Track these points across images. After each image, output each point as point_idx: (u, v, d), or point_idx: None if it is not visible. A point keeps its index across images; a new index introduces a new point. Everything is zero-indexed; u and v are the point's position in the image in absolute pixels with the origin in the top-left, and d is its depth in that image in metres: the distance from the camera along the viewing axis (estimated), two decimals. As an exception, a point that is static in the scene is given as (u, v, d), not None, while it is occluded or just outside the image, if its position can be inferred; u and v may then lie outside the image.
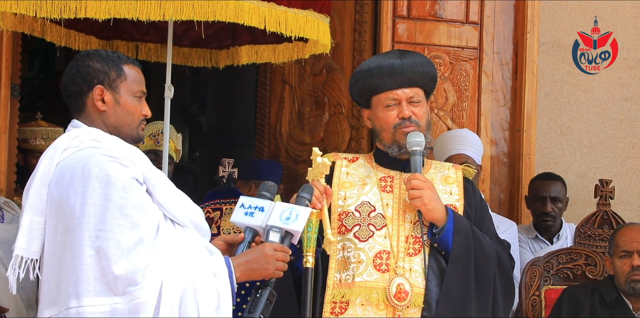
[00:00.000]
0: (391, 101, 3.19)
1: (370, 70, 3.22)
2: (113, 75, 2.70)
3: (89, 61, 2.71)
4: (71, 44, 4.55)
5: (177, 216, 2.65)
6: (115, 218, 2.48)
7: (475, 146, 4.62)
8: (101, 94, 2.68)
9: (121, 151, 2.60)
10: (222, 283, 2.54)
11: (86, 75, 2.69)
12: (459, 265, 3.08)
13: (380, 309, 3.04)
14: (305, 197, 2.77)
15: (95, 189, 2.50)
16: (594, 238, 4.49)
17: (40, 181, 2.61)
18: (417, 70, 3.19)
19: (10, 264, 2.60)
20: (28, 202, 2.61)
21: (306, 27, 4.01)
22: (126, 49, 4.76)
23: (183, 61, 4.90)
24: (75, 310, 2.46)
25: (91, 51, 2.77)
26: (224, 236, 2.80)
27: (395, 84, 3.18)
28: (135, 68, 2.76)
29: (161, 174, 2.68)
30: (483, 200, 3.40)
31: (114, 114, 2.70)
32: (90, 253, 2.46)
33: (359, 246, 3.11)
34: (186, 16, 3.75)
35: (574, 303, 4.07)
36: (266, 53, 4.74)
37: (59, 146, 2.64)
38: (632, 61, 5.47)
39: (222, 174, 4.73)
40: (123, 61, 2.74)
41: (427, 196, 3.08)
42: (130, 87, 2.72)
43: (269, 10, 3.88)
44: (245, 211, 2.69)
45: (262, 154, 6.06)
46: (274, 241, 2.63)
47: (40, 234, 2.59)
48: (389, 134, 3.20)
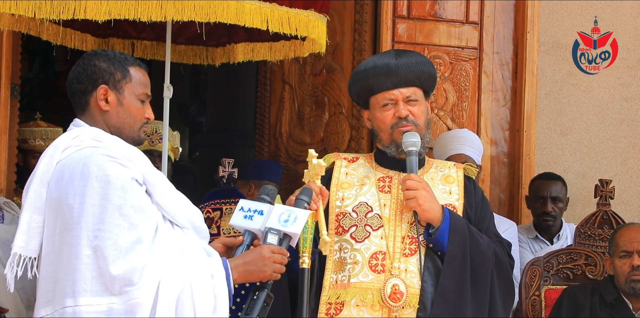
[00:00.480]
0: (388, 101, 3.19)
1: (366, 70, 3.23)
2: (118, 76, 2.70)
3: (95, 60, 2.71)
4: (67, 42, 4.54)
5: (176, 218, 2.65)
6: (113, 218, 2.48)
7: (475, 146, 4.62)
8: (105, 94, 2.69)
9: (121, 151, 2.61)
10: (219, 284, 2.55)
11: (92, 74, 2.69)
12: (454, 265, 3.08)
13: (375, 310, 3.04)
14: (304, 200, 2.78)
15: (94, 189, 2.50)
16: (594, 238, 4.49)
17: (40, 180, 2.61)
18: (413, 69, 3.19)
19: (8, 262, 2.61)
20: (27, 201, 2.62)
21: (308, 27, 4.02)
22: (122, 47, 4.76)
23: (179, 59, 4.90)
24: (71, 309, 2.47)
25: (99, 50, 2.78)
26: (223, 239, 2.80)
27: (391, 85, 3.18)
28: (141, 71, 2.76)
29: (161, 176, 2.68)
30: (485, 198, 3.39)
31: (116, 114, 2.71)
32: (88, 252, 2.47)
33: (355, 247, 3.11)
34: (187, 17, 3.75)
35: (574, 303, 4.07)
36: (262, 51, 4.74)
37: (59, 145, 2.65)
38: (632, 61, 5.47)
39: (222, 174, 4.73)
40: (130, 62, 2.74)
41: (422, 196, 3.08)
42: (135, 89, 2.72)
43: (271, 10, 3.88)
44: (244, 214, 2.69)
45: (262, 154, 6.06)
46: (272, 243, 2.63)
47: (39, 232, 2.59)
48: (386, 134, 3.20)
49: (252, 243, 2.70)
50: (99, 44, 4.66)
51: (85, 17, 3.66)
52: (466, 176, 3.32)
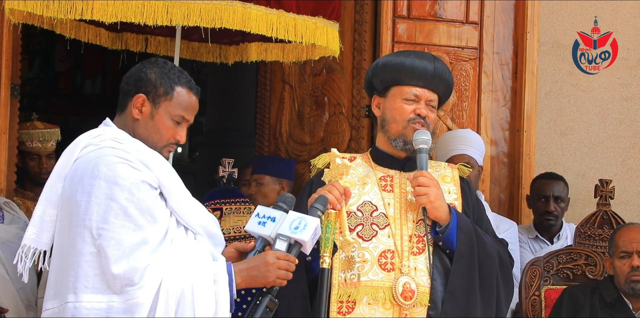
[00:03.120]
0: (413, 96, 3.21)
1: (404, 65, 3.23)
2: (161, 91, 2.70)
3: (149, 68, 2.73)
4: (80, 36, 4.55)
5: (190, 223, 2.66)
6: (118, 218, 2.51)
7: (477, 147, 4.62)
8: (142, 103, 2.70)
9: (138, 154, 2.62)
10: (222, 289, 2.55)
11: (138, 80, 2.71)
12: (463, 264, 3.09)
13: (386, 308, 3.04)
14: (317, 208, 2.79)
15: (101, 189, 2.53)
16: (594, 238, 4.48)
17: (57, 175, 2.66)
18: (445, 77, 3.24)
19: (18, 253, 2.65)
20: (43, 194, 2.67)
21: (316, 34, 4.03)
22: (135, 42, 4.76)
23: (192, 56, 4.89)
24: (72, 304, 2.50)
25: (160, 61, 2.76)
26: (236, 244, 2.81)
27: (423, 83, 3.21)
28: (189, 93, 2.73)
29: (178, 182, 2.69)
30: (479, 199, 3.42)
31: (145, 126, 2.71)
32: (92, 250, 2.50)
33: (362, 245, 3.12)
34: (193, 22, 3.77)
35: (574, 303, 4.07)
36: (275, 51, 4.75)
37: (80, 142, 2.68)
38: (632, 61, 5.47)
39: (222, 174, 4.73)
40: (181, 82, 2.73)
41: (433, 193, 3.09)
42: (172, 109, 2.71)
43: (278, 17, 3.91)
44: (258, 220, 2.71)
45: (262, 154, 6.06)
46: (280, 249, 2.63)
47: (52, 226, 2.64)
48: (399, 127, 3.20)
49: (264, 250, 2.70)
50: (112, 39, 4.67)
51: (92, 17, 3.69)
52: (460, 177, 3.34)
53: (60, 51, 9.51)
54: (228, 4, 3.83)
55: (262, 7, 3.88)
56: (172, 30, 4.61)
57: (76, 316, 2.48)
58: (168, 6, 3.71)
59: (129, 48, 4.76)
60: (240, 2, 3.87)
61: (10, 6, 3.86)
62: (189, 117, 2.75)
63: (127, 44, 4.75)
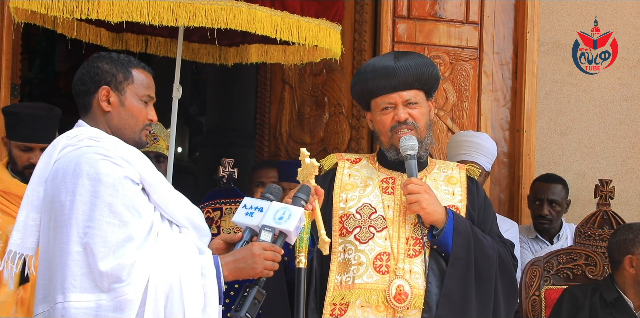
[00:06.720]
0: (387, 105, 3.20)
1: (365, 73, 3.23)
2: (120, 77, 2.73)
3: (98, 62, 2.75)
4: (82, 36, 4.56)
5: (174, 217, 2.66)
6: (103, 216, 2.50)
7: (487, 154, 4.56)
8: (107, 95, 2.72)
9: (117, 150, 2.63)
10: (210, 282, 2.55)
11: (94, 76, 2.73)
12: (458, 267, 3.08)
13: (380, 311, 3.04)
14: (301, 197, 2.78)
15: (84, 187, 2.53)
16: (594, 238, 4.49)
17: (38, 178, 2.65)
18: (412, 72, 3.19)
19: (4, 259, 2.65)
20: (25, 199, 2.66)
21: (319, 36, 4.04)
22: (136, 42, 4.77)
23: (192, 57, 4.90)
24: (61, 305, 2.48)
25: (103, 53, 2.81)
26: (224, 236, 2.80)
27: (390, 88, 3.19)
28: (144, 73, 2.79)
29: (159, 175, 2.69)
30: (487, 199, 3.40)
31: (118, 115, 2.73)
32: (78, 249, 2.49)
33: (359, 248, 3.11)
34: (198, 22, 3.79)
35: (574, 303, 4.07)
36: (276, 53, 4.75)
37: (58, 144, 2.68)
38: (632, 61, 5.47)
39: (222, 174, 4.73)
40: (133, 64, 2.77)
41: (424, 200, 3.08)
42: (137, 90, 2.75)
43: (282, 19, 3.92)
44: (246, 211, 2.70)
45: (262, 154, 6.06)
46: (265, 240, 2.63)
47: (36, 231, 2.64)
48: (386, 138, 3.21)
49: (251, 240, 2.70)
50: (113, 39, 4.68)
51: (97, 17, 3.71)
52: (468, 177, 3.32)
53: (60, 50, 9.53)
54: (234, 4, 3.85)
55: (267, 8, 3.90)
56: (172, 31, 4.62)
57: (65, 316, 2.47)
58: (173, 6, 3.73)
59: (129, 48, 4.77)
60: (245, 3, 3.88)
61: (15, 5, 3.88)
62: (153, 95, 2.79)
63: (127, 45, 4.76)
